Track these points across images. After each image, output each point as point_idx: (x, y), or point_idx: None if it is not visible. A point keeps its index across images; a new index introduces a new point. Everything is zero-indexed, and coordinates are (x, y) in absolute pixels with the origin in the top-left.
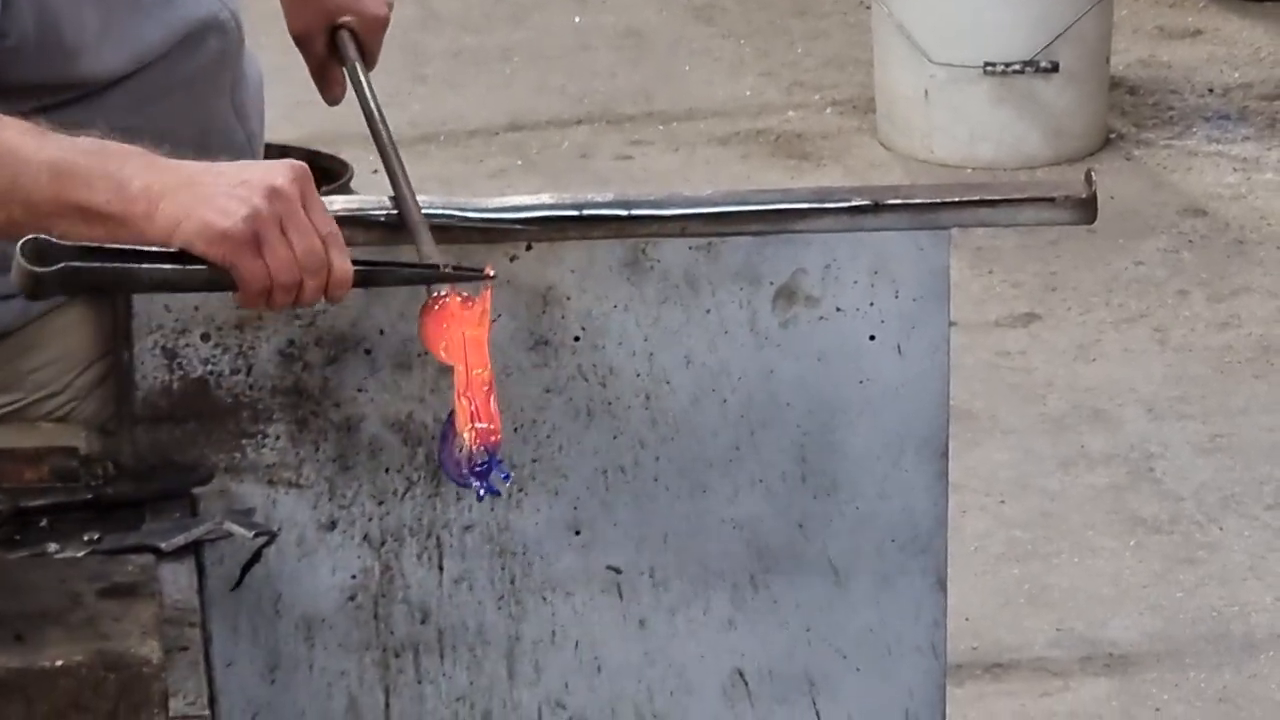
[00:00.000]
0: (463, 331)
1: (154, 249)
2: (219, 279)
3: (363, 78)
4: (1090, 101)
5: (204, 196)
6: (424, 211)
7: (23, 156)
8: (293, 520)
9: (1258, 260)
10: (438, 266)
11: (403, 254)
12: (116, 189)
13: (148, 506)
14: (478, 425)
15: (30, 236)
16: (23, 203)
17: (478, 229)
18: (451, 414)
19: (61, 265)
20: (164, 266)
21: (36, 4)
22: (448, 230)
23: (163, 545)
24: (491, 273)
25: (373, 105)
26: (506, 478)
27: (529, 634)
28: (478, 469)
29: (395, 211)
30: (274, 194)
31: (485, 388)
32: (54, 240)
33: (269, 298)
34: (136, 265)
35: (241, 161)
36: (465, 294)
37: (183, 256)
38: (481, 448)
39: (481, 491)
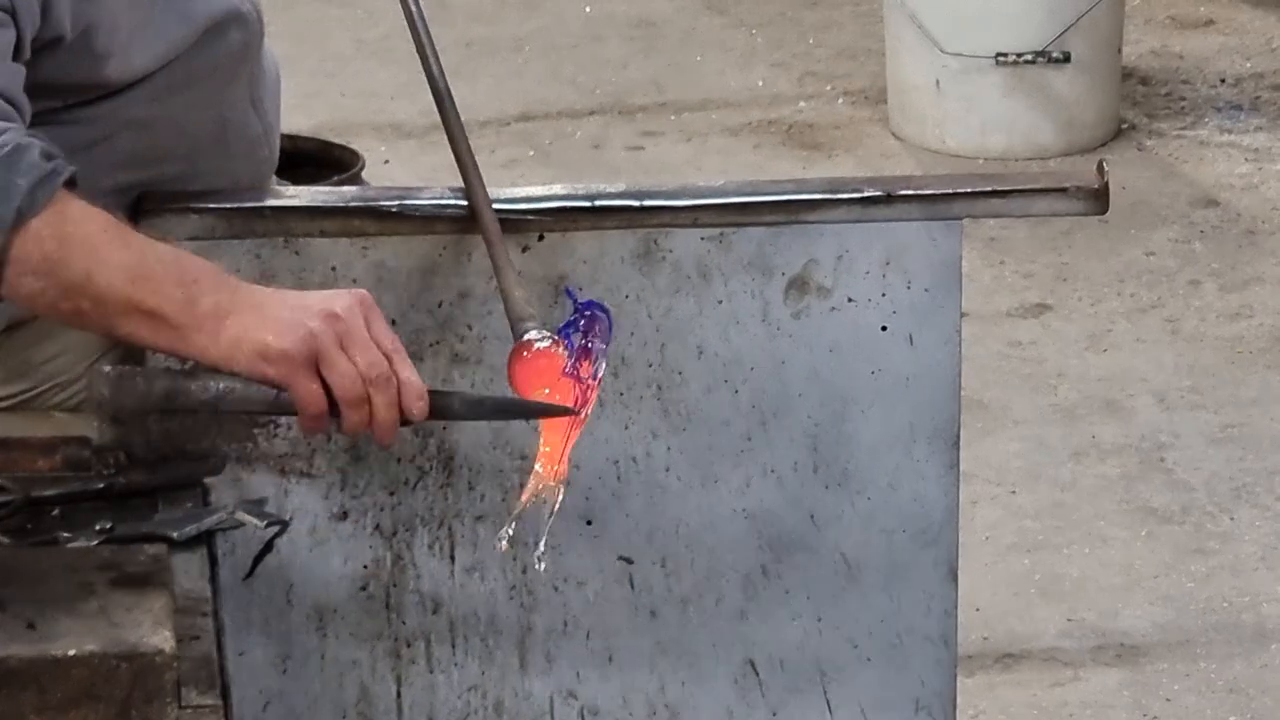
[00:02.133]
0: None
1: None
2: (283, 402)
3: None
4: (1102, 92)
5: (264, 319)
6: (439, 204)
7: (102, 256)
8: (305, 510)
9: (1269, 250)
10: (520, 404)
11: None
12: (187, 302)
13: (160, 496)
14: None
15: (113, 370)
16: (94, 298)
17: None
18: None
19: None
20: (234, 386)
21: (73, 10)
22: (460, 221)
23: (174, 534)
24: (585, 409)
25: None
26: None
27: (541, 624)
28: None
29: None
30: (332, 317)
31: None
32: (135, 375)
33: (341, 419)
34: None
35: (310, 292)
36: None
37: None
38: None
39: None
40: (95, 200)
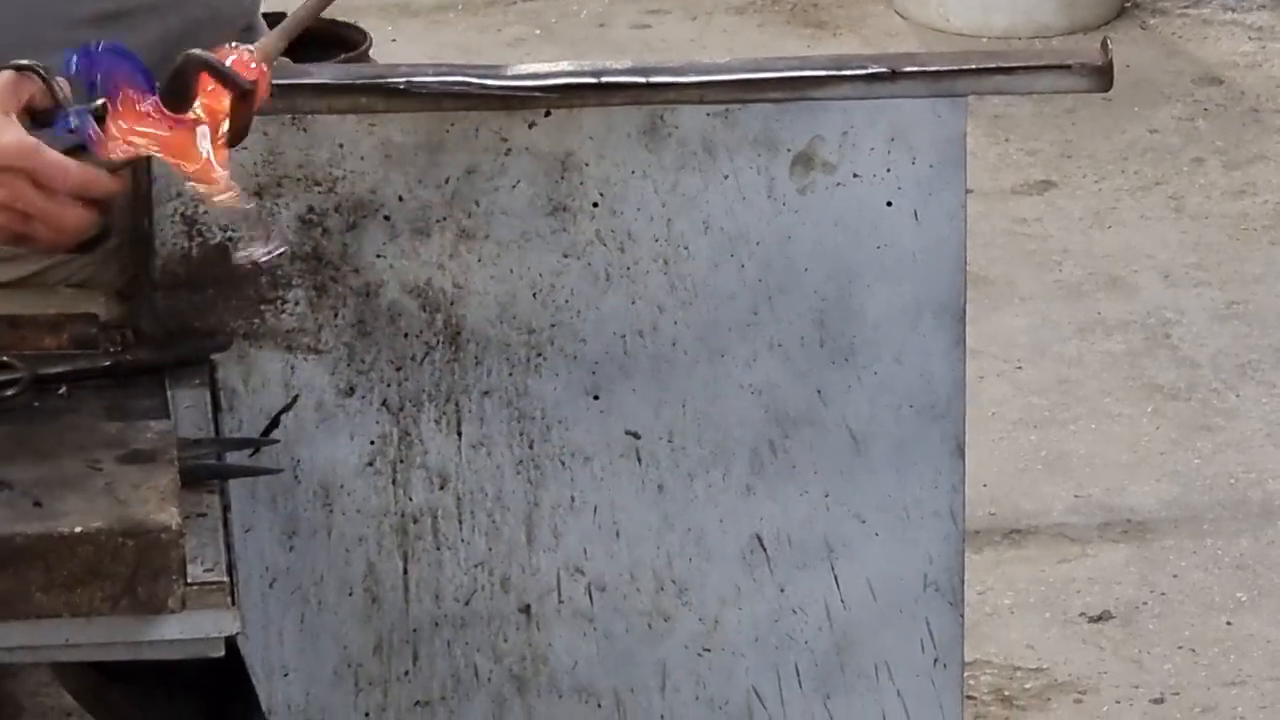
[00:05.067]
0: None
1: None
2: None
3: None
4: None
5: None
6: (445, 80)
7: None
8: (311, 386)
9: (1273, 128)
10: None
11: None
12: None
13: (167, 373)
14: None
15: None
16: None
17: (497, 96)
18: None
19: None
20: None
21: None
22: (466, 98)
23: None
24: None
25: None
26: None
27: (547, 499)
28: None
29: None
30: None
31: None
32: None
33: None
34: None
35: None
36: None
37: None
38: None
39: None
40: (74, 29)
